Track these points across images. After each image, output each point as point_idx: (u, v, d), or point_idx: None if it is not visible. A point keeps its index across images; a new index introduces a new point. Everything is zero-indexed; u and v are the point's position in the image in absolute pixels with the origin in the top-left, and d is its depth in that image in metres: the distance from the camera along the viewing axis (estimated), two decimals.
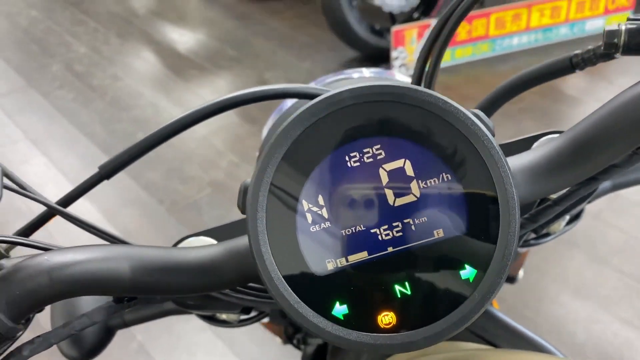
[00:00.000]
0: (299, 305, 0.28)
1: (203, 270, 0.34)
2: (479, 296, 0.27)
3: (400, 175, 0.28)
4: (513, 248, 0.27)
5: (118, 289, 0.33)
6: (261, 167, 0.28)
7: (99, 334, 0.52)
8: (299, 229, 0.28)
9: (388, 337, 0.27)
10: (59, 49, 2.98)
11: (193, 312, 0.48)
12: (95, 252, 0.32)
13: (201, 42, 3.02)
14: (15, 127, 2.44)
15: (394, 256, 0.28)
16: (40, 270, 0.31)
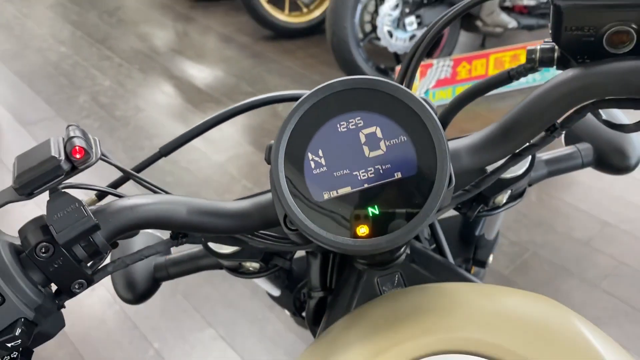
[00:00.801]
0: (304, 219, 0.41)
1: (236, 216, 0.47)
2: (422, 214, 0.41)
3: (373, 137, 0.42)
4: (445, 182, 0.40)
5: (176, 225, 0.46)
6: (281, 130, 0.42)
7: (148, 283, 0.66)
8: (305, 171, 0.42)
9: (363, 241, 0.41)
10: (85, 82, 3.19)
11: (223, 264, 0.61)
12: (163, 199, 0.46)
13: (218, 78, 3.22)
14: None
15: (368, 189, 0.42)
16: (126, 207, 0.45)
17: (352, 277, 0.56)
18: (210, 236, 0.49)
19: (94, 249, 0.43)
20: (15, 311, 0.40)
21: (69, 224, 0.41)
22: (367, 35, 2.83)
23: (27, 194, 0.42)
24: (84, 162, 0.43)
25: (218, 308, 1.83)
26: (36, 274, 0.42)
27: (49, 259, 0.42)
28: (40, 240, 0.41)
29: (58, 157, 0.41)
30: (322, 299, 0.61)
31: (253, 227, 0.48)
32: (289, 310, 0.79)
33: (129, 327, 1.79)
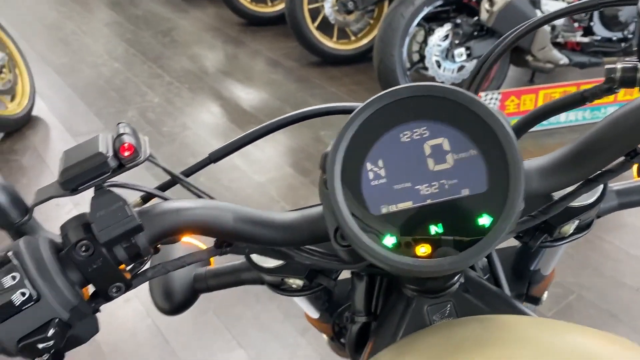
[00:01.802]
0: (360, 234, 0.38)
1: (284, 227, 0.45)
2: (491, 236, 0.37)
3: (439, 149, 0.39)
4: (518, 202, 0.37)
5: (221, 232, 0.44)
6: (339, 136, 0.40)
7: (186, 294, 0.64)
8: (363, 182, 0.39)
9: (424, 261, 0.38)
10: (135, 98, 3.27)
11: (265, 279, 0.59)
12: (210, 204, 0.44)
13: (263, 101, 3.26)
14: None
15: (431, 206, 0.39)
16: (172, 210, 0.43)
17: (400, 303, 0.53)
18: (255, 248, 0.47)
19: (136, 252, 0.42)
20: (50, 311, 0.39)
21: (112, 223, 0.40)
22: (414, 64, 2.82)
23: (71, 189, 0.40)
24: (132, 160, 0.41)
25: (249, 329, 1.81)
26: (74, 273, 0.41)
27: (88, 259, 0.40)
28: (81, 238, 0.40)
29: (106, 154, 0.40)
30: (366, 325, 0.59)
31: (300, 240, 0.46)
32: (327, 335, 0.76)
33: (159, 342, 1.78)
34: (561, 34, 2.82)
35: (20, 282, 0.38)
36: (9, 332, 0.38)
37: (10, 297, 0.38)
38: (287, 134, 2.86)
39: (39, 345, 0.38)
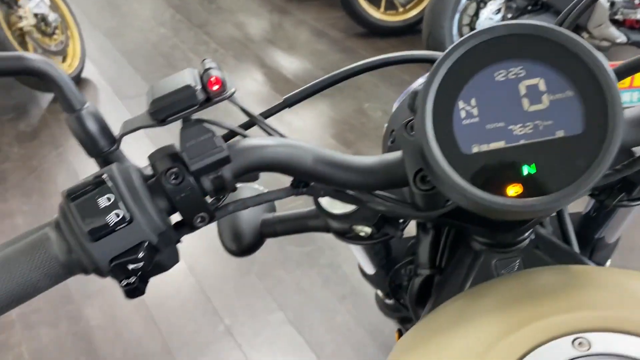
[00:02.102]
0: (450, 171, 0.38)
1: (361, 171, 0.45)
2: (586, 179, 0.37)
3: (535, 89, 0.38)
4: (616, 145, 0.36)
5: (301, 171, 0.45)
6: (432, 74, 0.39)
7: (254, 237, 0.66)
8: (455, 121, 0.39)
9: (514, 201, 0.37)
10: (181, 63, 3.31)
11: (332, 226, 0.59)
12: (291, 143, 0.45)
13: (307, 70, 3.25)
14: None
15: (524, 146, 0.38)
16: (257, 146, 0.44)
17: (467, 257, 0.53)
18: (330, 191, 0.48)
19: (221, 184, 0.43)
20: (142, 233, 0.40)
21: (202, 152, 0.41)
22: None
23: (160, 120, 0.42)
24: (219, 94, 0.42)
25: (289, 293, 1.84)
26: (162, 201, 0.42)
27: (177, 187, 0.41)
28: (171, 166, 0.41)
29: (194, 87, 0.41)
30: (429, 278, 0.59)
31: (376, 185, 0.46)
32: (382, 291, 0.77)
33: (202, 300, 1.83)
34: (620, 11, 2.71)
35: (114, 204, 0.39)
36: (102, 251, 0.39)
37: (105, 218, 0.39)
38: (330, 105, 2.85)
39: (129, 266, 0.40)
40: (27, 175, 2.49)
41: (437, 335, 0.40)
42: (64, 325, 1.79)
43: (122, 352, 1.69)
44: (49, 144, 2.69)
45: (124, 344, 1.72)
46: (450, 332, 0.39)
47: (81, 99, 0.45)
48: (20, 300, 0.41)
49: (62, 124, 2.83)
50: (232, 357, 1.65)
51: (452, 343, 0.38)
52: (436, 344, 0.39)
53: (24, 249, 0.41)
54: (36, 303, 1.86)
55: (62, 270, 0.41)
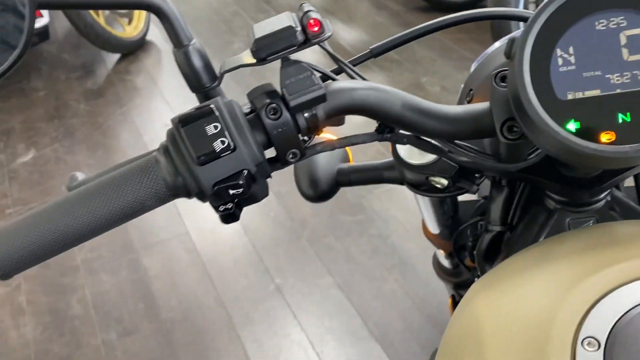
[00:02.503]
0: (545, 115, 0.39)
1: (448, 120, 0.46)
2: None
3: (636, 39, 0.39)
4: None
5: (388, 116, 0.46)
6: (532, 21, 0.40)
7: (330, 184, 0.69)
8: (552, 68, 0.40)
9: (608, 147, 0.38)
10: (241, 31, 3.35)
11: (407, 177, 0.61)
12: (381, 87, 0.47)
13: (365, 42, 3.23)
14: None
15: (620, 95, 0.39)
16: (349, 88, 0.46)
17: (541, 215, 0.54)
18: (413, 139, 0.49)
19: (314, 122, 0.45)
20: (243, 161, 0.43)
21: (301, 89, 0.43)
22: None
23: (261, 58, 0.44)
24: (317, 36, 0.44)
25: (339, 259, 1.88)
26: (260, 135, 0.45)
27: (274, 122, 0.44)
28: (271, 101, 0.44)
29: (295, 27, 0.43)
30: (498, 236, 0.60)
31: (461, 134, 0.47)
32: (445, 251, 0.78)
33: (254, 260, 1.89)
34: None
35: (221, 132, 0.42)
36: (208, 176, 0.43)
37: (212, 144, 0.42)
38: (387, 77, 2.84)
39: (230, 191, 0.43)
40: (93, 131, 2.61)
41: (516, 276, 0.42)
42: (124, 272, 1.89)
43: (178, 301, 1.78)
44: (114, 102, 2.80)
45: (179, 294, 1.80)
46: (529, 274, 0.41)
47: (189, 36, 0.48)
48: (129, 216, 0.45)
49: (126, 84, 2.94)
50: (281, 314, 1.71)
51: (531, 283, 0.40)
52: (515, 284, 0.41)
53: (135, 170, 0.44)
54: (98, 251, 1.97)
55: (168, 192, 0.44)
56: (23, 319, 1.77)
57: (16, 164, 2.42)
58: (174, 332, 1.69)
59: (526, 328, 0.36)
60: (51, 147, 2.50)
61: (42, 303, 1.82)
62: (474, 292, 0.43)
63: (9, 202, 2.22)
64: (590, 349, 0.33)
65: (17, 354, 1.67)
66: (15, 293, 1.85)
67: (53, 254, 0.45)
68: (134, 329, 1.71)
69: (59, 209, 0.44)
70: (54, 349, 1.67)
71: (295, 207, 2.07)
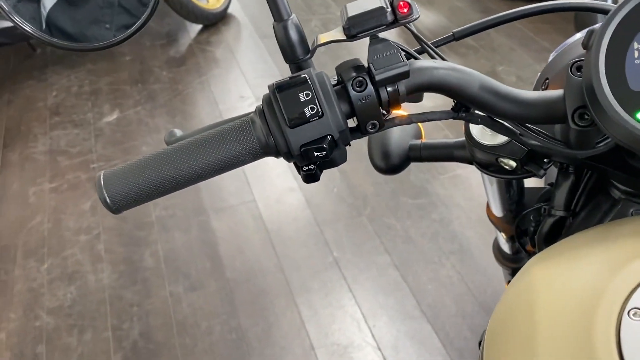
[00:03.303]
0: (616, 105, 0.41)
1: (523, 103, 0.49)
2: None
3: None
4: None
5: (466, 96, 0.49)
6: (611, 15, 0.42)
7: (401, 158, 0.73)
8: (627, 60, 0.42)
9: None
10: (319, 9, 3.39)
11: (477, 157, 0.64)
12: (460, 68, 0.50)
13: (441, 26, 3.20)
14: (273, 64, 2.88)
15: None
16: (430, 67, 0.49)
17: (605, 203, 0.55)
18: (487, 119, 0.51)
19: (395, 97, 0.49)
20: (329, 127, 0.47)
21: (387, 65, 0.47)
22: None
23: (352, 35, 0.48)
24: (406, 17, 0.47)
25: (397, 240, 1.92)
26: (345, 105, 0.49)
27: (360, 93, 0.48)
28: (357, 75, 0.48)
29: (386, 8, 0.47)
30: (561, 220, 0.62)
31: (534, 118, 0.49)
32: (506, 234, 0.81)
33: (315, 232, 1.96)
34: None
35: (312, 99, 0.47)
36: (297, 137, 0.48)
37: (303, 109, 0.47)
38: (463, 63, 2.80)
39: (315, 152, 0.48)
40: (173, 97, 2.74)
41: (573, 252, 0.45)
42: (194, 232, 2.01)
43: (241, 263, 1.88)
44: (194, 71, 2.92)
45: (243, 257, 1.90)
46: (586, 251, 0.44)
47: (289, 11, 0.53)
48: (225, 168, 0.51)
49: (206, 54, 3.06)
50: (337, 286, 1.77)
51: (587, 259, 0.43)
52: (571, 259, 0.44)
53: (233, 127, 0.50)
54: (173, 209, 2.10)
55: (260, 150, 0.50)
56: (101, 266, 1.92)
57: (102, 122, 2.59)
58: (236, 292, 1.79)
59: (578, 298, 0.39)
60: (134, 110, 2.66)
61: (118, 252, 1.97)
62: (531, 264, 0.47)
63: (94, 157, 2.39)
64: (636, 318, 0.36)
65: (94, 296, 1.83)
66: (95, 241, 2.01)
67: (158, 195, 0.52)
68: (199, 285, 1.83)
69: (166, 158, 0.51)
70: (127, 295, 1.82)
71: (358, 185, 2.11)
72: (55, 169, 2.33)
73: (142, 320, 1.74)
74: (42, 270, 1.92)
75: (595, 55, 0.42)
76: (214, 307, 1.75)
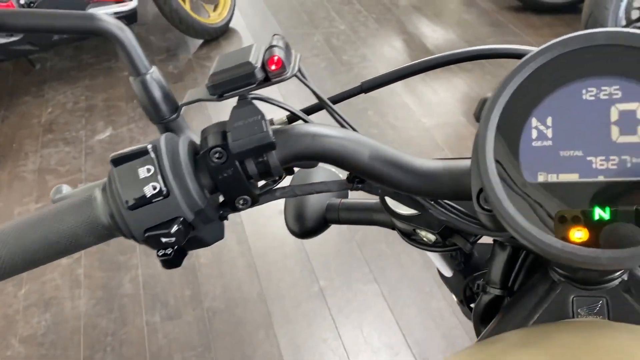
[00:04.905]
0: (505, 200, 0.33)
1: (423, 175, 0.41)
2: None
3: (630, 116, 0.31)
4: None
5: (355, 167, 0.41)
6: (504, 82, 0.34)
7: (317, 221, 0.64)
8: (523, 141, 0.33)
9: (576, 249, 0.31)
10: (323, 22, 3.32)
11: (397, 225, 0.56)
12: (349, 135, 0.42)
13: (450, 42, 3.10)
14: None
15: (602, 184, 0.32)
16: (309, 133, 0.41)
17: (542, 285, 0.46)
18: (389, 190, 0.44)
19: (266, 169, 0.41)
20: (177, 209, 0.40)
21: (246, 135, 0.39)
22: (631, 22, 2.44)
23: (217, 94, 0.41)
24: (277, 75, 0.40)
25: (388, 268, 1.82)
26: (206, 178, 0.41)
27: (220, 166, 0.40)
28: (216, 144, 0.40)
29: (254, 64, 0.39)
30: (498, 298, 0.53)
31: (439, 193, 0.41)
32: (457, 297, 0.71)
33: (302, 258, 1.87)
34: None
35: (153, 176, 0.39)
36: (138, 221, 0.40)
37: (143, 188, 0.39)
38: (468, 80, 2.71)
39: (162, 239, 0.40)
40: None
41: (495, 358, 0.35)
42: None
43: (222, 291, 1.80)
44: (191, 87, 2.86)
45: (225, 284, 1.82)
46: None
47: (147, 64, 0.45)
48: (64, 252, 0.42)
49: (205, 70, 3.00)
50: (320, 318, 1.68)
51: None
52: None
53: (74, 204, 0.42)
54: None
55: (104, 231, 0.42)
56: (79, 291, 1.86)
57: (94, 140, 2.55)
58: (214, 322, 1.71)
59: None
60: (127, 127, 2.61)
61: (97, 277, 1.90)
62: None
63: (83, 176, 2.35)
64: None
65: (68, 324, 1.76)
66: (76, 265, 1.95)
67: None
68: (177, 314, 1.75)
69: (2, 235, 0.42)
70: (102, 323, 1.75)
71: None
72: (43, 189, 2.29)
73: (116, 351, 1.66)
74: (19, 296, 1.87)
75: (483, 134, 0.34)
76: (190, 339, 1.67)
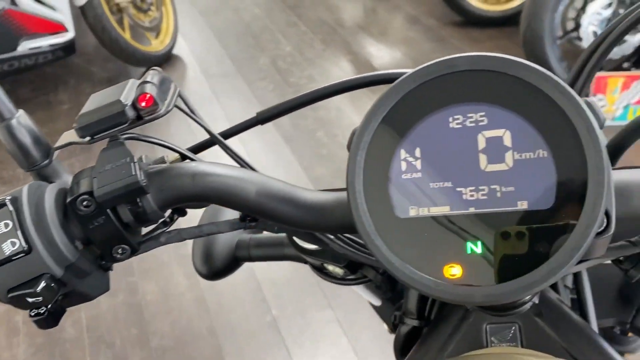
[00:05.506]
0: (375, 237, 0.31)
1: (312, 209, 0.38)
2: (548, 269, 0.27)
3: (497, 143, 0.30)
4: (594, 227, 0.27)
5: (243, 205, 0.38)
6: (370, 113, 0.32)
7: (227, 260, 0.60)
8: (392, 173, 0.31)
9: (449, 287, 0.29)
10: (269, 45, 3.31)
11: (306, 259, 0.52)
12: (235, 173, 0.39)
13: (395, 60, 3.13)
14: (219, 106, 2.77)
15: (473, 216, 0.30)
16: (186, 173, 0.38)
17: (456, 314, 0.44)
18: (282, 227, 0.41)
19: (142, 215, 0.37)
20: (41, 265, 0.36)
21: (113, 180, 0.36)
22: (567, 33, 2.51)
23: (87, 136, 0.37)
24: (150, 112, 0.37)
25: (342, 292, 1.77)
26: (77, 228, 0.37)
27: (90, 215, 0.36)
28: (84, 191, 0.36)
29: (124, 102, 0.36)
30: (416, 329, 0.50)
31: (332, 227, 0.38)
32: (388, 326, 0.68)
33: (253, 287, 1.82)
34: None
35: (11, 231, 0.35)
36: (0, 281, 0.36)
37: (0, 245, 0.35)
38: None
39: (28, 299, 0.36)
40: None
41: None
42: (122, 295, 1.85)
43: (171, 328, 1.72)
44: None
45: (173, 321, 1.74)
46: None
47: (11, 108, 0.40)
48: None
49: None
50: (274, 350, 1.62)
51: None
52: None
53: None
54: None
55: None
56: (17, 339, 1.75)
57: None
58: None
59: None
60: (68, 162, 2.51)
61: None
62: None
63: None
64: None
65: None
66: (13, 312, 1.84)
67: None
68: (123, 356, 1.66)
69: None
70: None
71: None
72: None
73: None
74: None
75: (352, 168, 0.32)
76: None
